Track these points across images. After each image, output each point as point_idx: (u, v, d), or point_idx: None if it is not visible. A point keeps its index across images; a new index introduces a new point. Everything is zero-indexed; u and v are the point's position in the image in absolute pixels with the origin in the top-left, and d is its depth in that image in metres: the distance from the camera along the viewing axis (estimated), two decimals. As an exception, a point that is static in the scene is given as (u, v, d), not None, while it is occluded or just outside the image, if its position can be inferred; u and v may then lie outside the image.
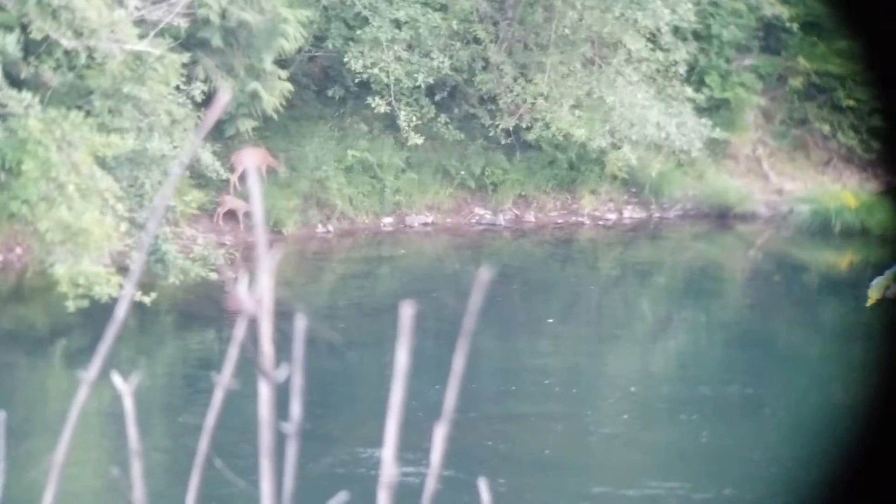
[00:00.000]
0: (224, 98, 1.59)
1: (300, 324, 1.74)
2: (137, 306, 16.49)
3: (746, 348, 18.70)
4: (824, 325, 20.03)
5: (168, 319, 18.48)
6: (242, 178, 22.72)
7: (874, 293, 3.18)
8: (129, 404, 1.70)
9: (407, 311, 1.72)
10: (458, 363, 1.78)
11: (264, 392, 1.70)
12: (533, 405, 15.63)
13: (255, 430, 1.75)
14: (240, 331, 1.75)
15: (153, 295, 16.78)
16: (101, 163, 17.58)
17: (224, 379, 1.80)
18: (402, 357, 1.71)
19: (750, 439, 14.72)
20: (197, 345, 18.15)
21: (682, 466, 14.07)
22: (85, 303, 16.72)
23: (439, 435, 1.75)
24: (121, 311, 1.63)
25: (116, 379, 1.70)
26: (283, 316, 1.80)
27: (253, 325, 1.73)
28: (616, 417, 15.57)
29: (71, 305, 16.70)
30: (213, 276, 18.71)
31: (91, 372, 1.64)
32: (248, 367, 1.83)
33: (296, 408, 1.69)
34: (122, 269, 17.55)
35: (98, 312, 16.82)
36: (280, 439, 1.69)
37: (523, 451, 14.11)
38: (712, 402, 15.97)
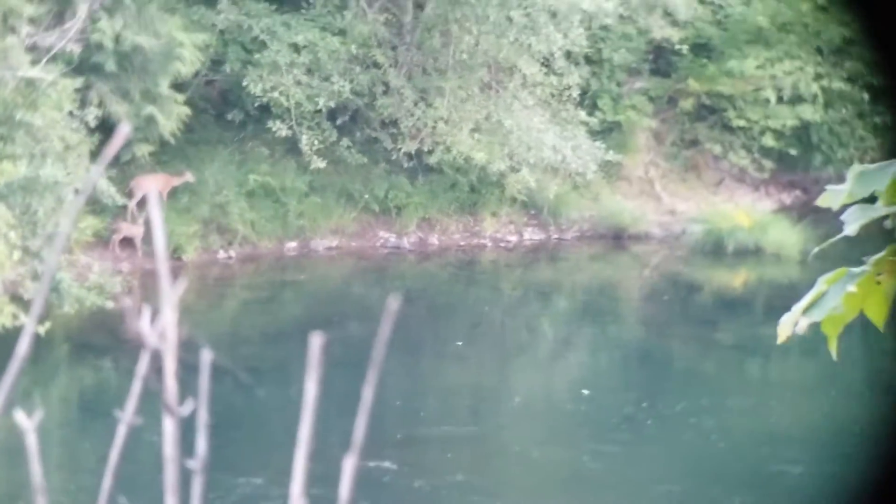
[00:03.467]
0: (125, 128, 1.58)
1: (205, 357, 1.73)
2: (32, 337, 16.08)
3: (644, 367, 18.98)
4: (720, 344, 20.42)
5: (63, 349, 18.09)
6: (141, 203, 22.38)
7: (784, 331, 3.16)
8: (32, 441, 1.66)
9: (316, 342, 1.72)
10: (368, 393, 1.78)
11: (169, 427, 1.67)
12: (439, 427, 15.64)
13: (160, 465, 1.73)
14: (143, 365, 1.73)
15: (48, 324, 16.42)
16: (-7, 190, 17.17)
17: (127, 415, 1.78)
18: (310, 389, 1.71)
19: (647, 455, 14.92)
20: (93, 376, 17.78)
21: (584, 485, 14.20)
22: (-23, 333, 16.26)
23: (349, 466, 1.75)
24: (23, 347, 1.60)
25: (20, 415, 1.67)
26: (185, 346, 1.78)
27: (156, 358, 1.71)
28: (521, 437, 15.67)
29: (-38, 336, 16.23)
30: (110, 304, 18.37)
31: (-9, 411, 1.60)
32: (151, 401, 1.81)
33: (201, 443, 1.68)
34: (16, 298, 17.13)
35: (-10, 344, 16.38)
36: (185, 475, 1.67)
37: (431, 475, 14.10)
38: (612, 419, 16.17)
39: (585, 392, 17.83)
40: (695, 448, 15.33)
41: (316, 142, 23.15)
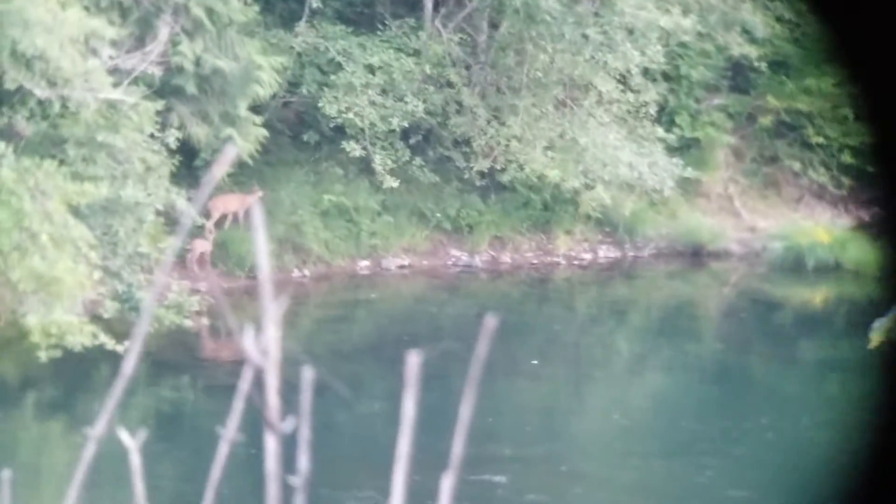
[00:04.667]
0: (231, 150, 1.60)
1: (307, 374, 1.74)
2: (111, 355, 16.35)
3: (723, 386, 18.73)
4: (801, 361, 20.10)
5: (142, 368, 18.35)
6: (218, 223, 22.66)
7: (877, 336, 3.11)
8: (136, 460, 1.68)
9: (413, 360, 1.71)
10: (465, 411, 1.77)
11: (271, 444, 1.68)
12: (514, 447, 15.57)
13: (262, 483, 1.74)
14: (245, 381, 1.74)
15: (127, 343, 16.65)
16: (75, 211, 17.50)
17: (229, 431, 1.79)
18: (408, 406, 1.71)
19: (728, 476, 14.71)
20: (172, 393, 18.00)
21: (670, 501, 14.03)
22: (58, 352, 16.55)
23: (447, 484, 1.75)
24: (128, 366, 1.62)
25: (123, 434, 1.69)
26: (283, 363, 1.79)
27: (258, 375, 1.72)
28: (597, 458, 15.53)
29: (43, 356, 16.52)
30: (188, 322, 18.59)
31: (98, 428, 1.62)
32: (250, 418, 1.82)
33: (303, 460, 1.68)
34: (95, 318, 17.41)
35: (71, 362, 16.66)
36: (287, 492, 1.68)
37: (508, 494, 14.03)
38: (690, 440, 15.97)
39: (534, 362, 17.69)
40: (774, 465, 15.08)
41: (389, 161, 23.27)
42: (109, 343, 16.42)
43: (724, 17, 25.06)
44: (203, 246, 22.02)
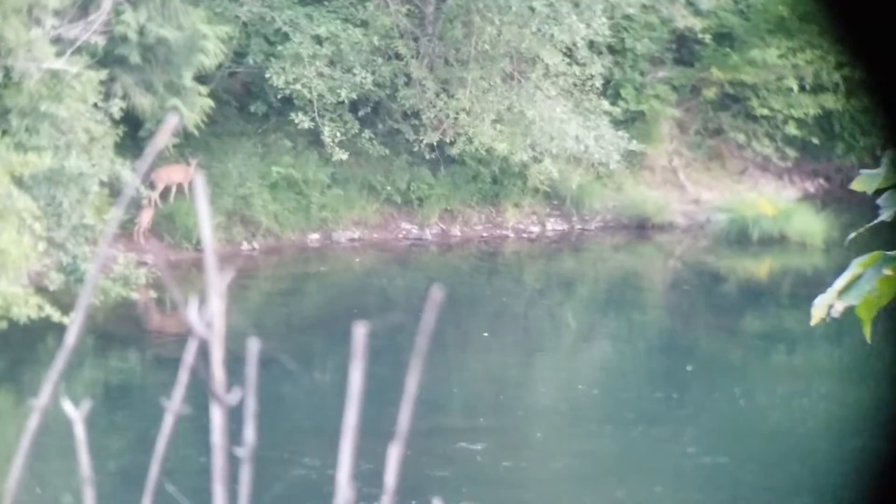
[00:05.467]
0: (173, 119, 1.59)
1: (253, 346, 1.74)
2: (58, 327, 16.20)
3: (669, 356, 18.94)
4: (745, 332, 20.36)
5: (89, 341, 18.18)
6: (163, 194, 22.45)
7: (818, 312, 3.14)
8: (80, 431, 1.68)
9: (360, 332, 1.72)
10: (412, 383, 1.78)
11: (216, 416, 1.69)
12: (462, 419, 15.65)
13: (207, 454, 1.74)
14: (190, 354, 1.74)
15: (72, 315, 16.49)
16: (18, 182, 17.27)
17: (174, 404, 1.79)
18: (355, 378, 1.71)
19: (676, 443, 14.90)
20: (119, 365, 17.88)
21: (613, 474, 14.20)
22: (3, 324, 16.38)
23: (394, 455, 1.76)
24: (71, 337, 1.61)
25: (67, 406, 1.68)
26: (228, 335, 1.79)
27: (203, 347, 1.72)
28: (547, 428, 15.67)
29: (-11, 328, 16.35)
30: (135, 295, 18.45)
31: (42, 399, 1.62)
32: (196, 390, 1.82)
33: (249, 432, 1.69)
34: (41, 290, 17.23)
35: (17, 334, 16.48)
36: (234, 464, 1.68)
37: (459, 467, 14.12)
38: (638, 409, 16.15)
39: (485, 334, 17.86)
40: (719, 436, 15.30)
41: (338, 134, 23.17)
42: (55, 315, 16.27)
43: (670, -10, 25.18)
44: (141, 215, 21.83)
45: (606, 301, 22.44)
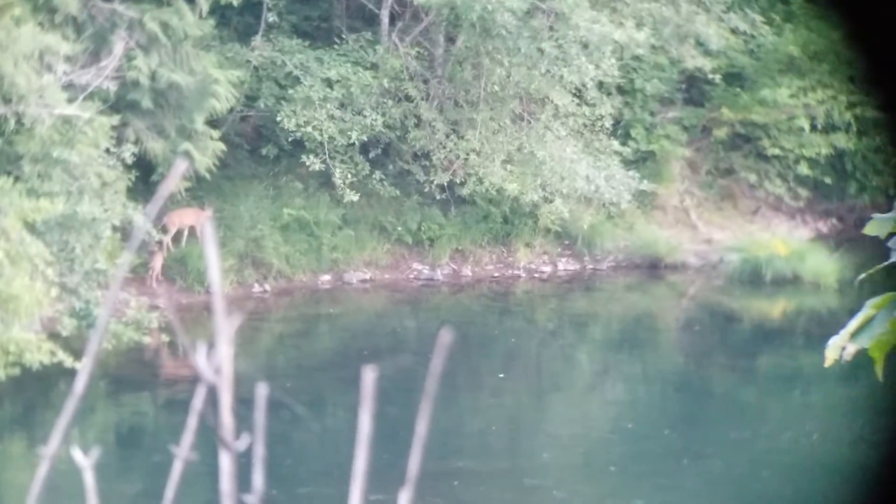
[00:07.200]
0: (181, 165, 1.59)
1: (261, 391, 1.73)
2: (70, 373, 16.19)
3: (683, 398, 18.83)
4: (759, 372, 20.24)
5: (101, 385, 18.17)
6: (175, 238, 22.52)
7: (831, 354, 3.13)
8: (89, 479, 1.67)
9: (369, 376, 1.71)
10: (421, 426, 1.77)
11: (225, 463, 1.67)
12: (475, 461, 15.55)
13: (217, 501, 1.72)
14: (199, 400, 1.73)
15: (84, 360, 16.48)
16: (31, 228, 17.33)
17: (183, 450, 1.78)
18: (364, 422, 1.70)
19: (690, 489, 14.78)
20: (132, 410, 17.84)
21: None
22: (16, 371, 16.38)
23: (404, 499, 1.74)
24: (79, 385, 1.60)
25: (77, 453, 1.67)
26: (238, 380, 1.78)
27: (212, 393, 1.71)
28: (558, 472, 15.55)
29: (1, 374, 16.34)
30: (147, 339, 18.45)
31: (51, 447, 1.61)
32: (205, 436, 1.81)
33: (258, 478, 1.68)
34: (53, 335, 17.24)
35: (30, 381, 16.48)
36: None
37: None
38: (650, 452, 16.03)
39: (501, 376, 17.75)
40: (736, 478, 15.17)
41: (349, 175, 23.25)
42: (68, 360, 16.26)
43: (678, 30, 25.24)
44: (154, 260, 21.88)
45: (620, 341, 22.35)
